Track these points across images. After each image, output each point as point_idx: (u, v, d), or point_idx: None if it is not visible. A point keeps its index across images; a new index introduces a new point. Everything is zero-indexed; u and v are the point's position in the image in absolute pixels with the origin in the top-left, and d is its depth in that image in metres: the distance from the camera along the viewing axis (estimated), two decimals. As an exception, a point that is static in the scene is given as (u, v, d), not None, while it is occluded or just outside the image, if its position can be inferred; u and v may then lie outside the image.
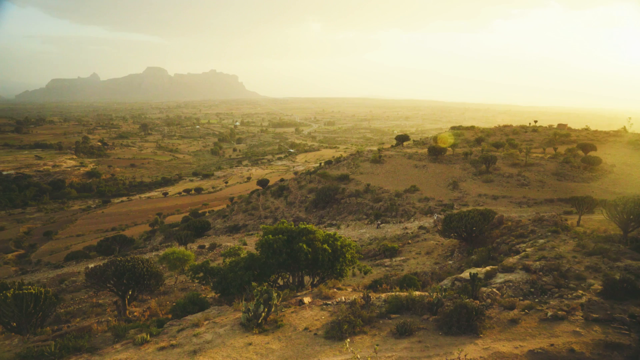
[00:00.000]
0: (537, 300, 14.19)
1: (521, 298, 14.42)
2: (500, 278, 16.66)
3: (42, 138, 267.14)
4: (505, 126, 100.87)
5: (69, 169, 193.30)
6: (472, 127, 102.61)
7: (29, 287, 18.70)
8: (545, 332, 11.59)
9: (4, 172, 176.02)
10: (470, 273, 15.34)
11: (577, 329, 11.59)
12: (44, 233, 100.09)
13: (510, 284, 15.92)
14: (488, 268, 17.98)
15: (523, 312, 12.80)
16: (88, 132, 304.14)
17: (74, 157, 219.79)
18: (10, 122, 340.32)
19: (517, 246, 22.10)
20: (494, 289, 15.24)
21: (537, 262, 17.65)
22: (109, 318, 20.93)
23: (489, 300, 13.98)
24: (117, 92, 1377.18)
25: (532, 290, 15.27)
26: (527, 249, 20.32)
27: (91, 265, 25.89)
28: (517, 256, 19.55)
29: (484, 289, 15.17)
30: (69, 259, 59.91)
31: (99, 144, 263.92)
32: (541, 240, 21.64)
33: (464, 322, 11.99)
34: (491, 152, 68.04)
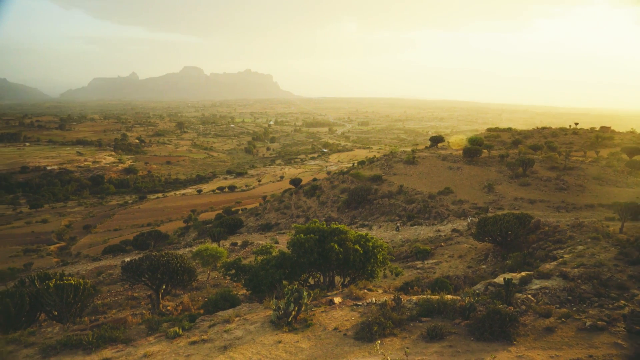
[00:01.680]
0: (574, 308, 13.73)
1: (558, 306, 13.96)
2: (536, 284, 16.20)
3: (84, 135, 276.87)
4: (543, 128, 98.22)
5: (108, 165, 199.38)
6: (509, 129, 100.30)
7: (69, 278, 19.36)
8: (583, 343, 11.18)
9: (48, 167, 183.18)
10: (504, 278, 14.98)
11: (619, 341, 11.11)
12: (83, 227, 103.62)
13: (547, 290, 15.45)
14: (523, 274, 17.51)
15: (559, 321, 12.38)
16: (126, 130, 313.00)
17: (113, 153, 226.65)
18: (54, 119, 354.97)
19: (554, 252, 21.46)
20: (529, 296, 14.83)
21: (576, 270, 17.07)
22: (143, 311, 21.46)
23: (523, 307, 13.59)
24: (155, 91, 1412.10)
25: (569, 298, 14.79)
26: (565, 256, 19.69)
27: (127, 259, 26.57)
28: (554, 262, 18.97)
29: (518, 295, 14.77)
30: (106, 252, 61.68)
31: (137, 141, 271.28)
32: (580, 247, 20.93)
33: (497, 328, 11.70)
34: (528, 154, 66.33)
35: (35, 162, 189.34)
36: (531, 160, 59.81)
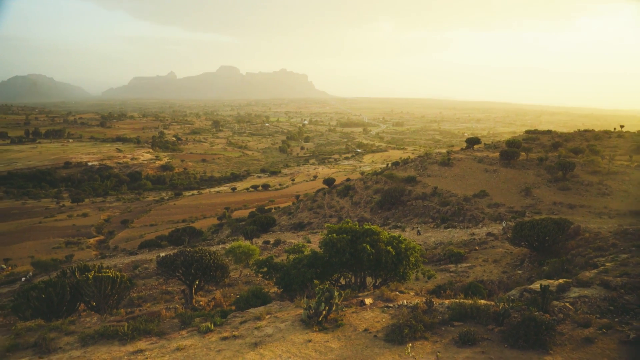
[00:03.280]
0: (616, 319, 13.15)
1: (598, 316, 13.42)
2: (575, 292, 15.64)
3: (123, 132, 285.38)
4: (585, 131, 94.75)
5: (146, 162, 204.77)
6: (549, 131, 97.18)
7: (107, 270, 19.99)
8: (625, 356, 10.72)
9: (89, 163, 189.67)
10: (541, 285, 14.54)
11: (663, 354, 10.63)
12: (121, 221, 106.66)
13: (586, 299, 14.89)
14: (561, 281, 16.95)
15: (600, 332, 11.90)
16: (164, 128, 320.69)
17: (151, 150, 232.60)
18: (96, 117, 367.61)
19: (595, 260, 20.69)
20: (567, 304, 14.33)
21: (619, 279, 16.39)
22: (177, 305, 21.91)
23: (560, 315, 13.15)
24: (192, 90, 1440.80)
25: (611, 308, 14.20)
26: (607, 264, 18.95)
27: (162, 254, 27.25)
28: (595, 270, 18.28)
29: (555, 302, 14.30)
30: (142, 247, 63.24)
31: (174, 139, 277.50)
32: (624, 255, 20.11)
33: (532, 336, 11.36)
34: (569, 158, 64.27)
35: (78, 158, 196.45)
36: (572, 164, 57.91)
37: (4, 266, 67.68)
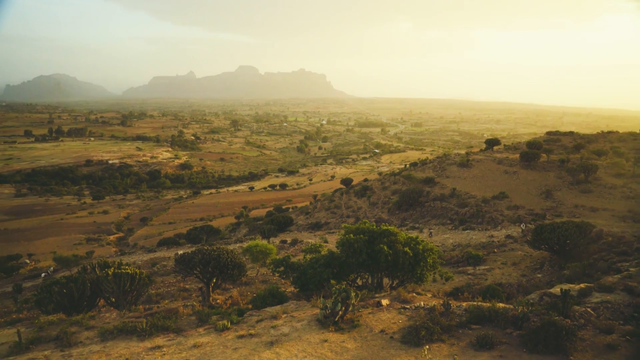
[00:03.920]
0: (640, 326, 12.87)
1: (621, 322, 13.11)
2: (597, 298, 15.33)
3: (143, 131, 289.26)
4: (609, 132, 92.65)
5: (165, 161, 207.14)
6: (571, 133, 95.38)
7: (126, 267, 20.29)
8: (648, 362, 10.48)
9: (110, 161, 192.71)
10: (561, 289, 14.28)
11: (688, 362, 10.35)
12: (140, 219, 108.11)
13: (609, 305, 14.58)
14: (582, 285, 16.63)
15: (623, 339, 11.63)
16: (183, 127, 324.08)
17: (170, 149, 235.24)
18: (117, 116, 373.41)
19: (619, 264, 20.26)
20: (589, 309, 14.05)
21: (642, 284, 16.03)
22: (194, 303, 22.10)
23: (582, 321, 12.90)
24: (211, 89, 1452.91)
25: (635, 315, 13.86)
26: (631, 269, 18.52)
27: (180, 252, 27.49)
28: (618, 275, 17.90)
29: (576, 307, 14.03)
30: (161, 244, 63.99)
31: (193, 138, 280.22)
32: (647, 260, 19.66)
33: (551, 341, 11.17)
34: (592, 160, 63.01)
35: (99, 156, 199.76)
36: (594, 166, 56.76)
37: (28, 261, 69.26)
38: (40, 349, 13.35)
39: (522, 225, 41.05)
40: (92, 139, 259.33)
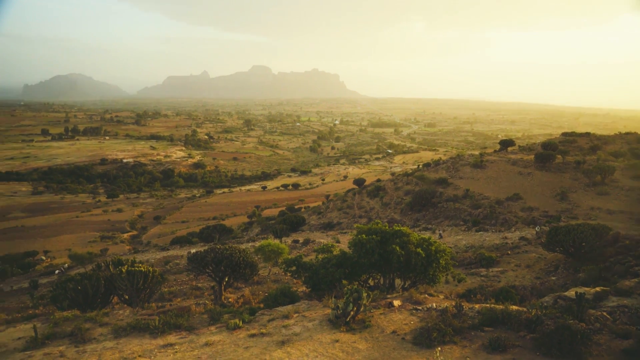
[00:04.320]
0: (658, 331, 12.63)
1: (639, 327, 12.89)
2: (613, 302, 15.09)
3: (157, 130, 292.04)
4: (627, 133, 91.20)
5: (178, 160, 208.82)
6: (587, 134, 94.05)
7: (140, 265, 20.46)
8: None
9: (124, 160, 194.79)
10: (576, 292, 14.09)
11: None
12: (154, 217, 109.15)
13: (625, 309, 14.33)
14: (598, 289, 16.38)
15: (640, 343, 11.45)
16: (197, 126, 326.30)
17: (183, 148, 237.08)
18: (131, 115, 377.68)
19: (636, 268, 19.91)
20: (605, 313, 13.83)
21: (660, 288, 15.75)
22: (206, 301, 22.24)
23: (597, 325, 12.70)
24: (225, 89, 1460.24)
25: (652, 319, 13.63)
26: (648, 272, 18.23)
27: (193, 251, 27.67)
28: (636, 279, 17.61)
29: (592, 311, 13.82)
30: (173, 243, 64.54)
31: (206, 137, 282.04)
32: (665, 264, 19.30)
33: (566, 345, 11.00)
34: (609, 161, 62.07)
35: (113, 154, 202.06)
36: (611, 168, 55.91)
37: (44, 258, 70.35)
38: (56, 344, 13.53)
39: (536, 227, 40.59)
40: (107, 138, 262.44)
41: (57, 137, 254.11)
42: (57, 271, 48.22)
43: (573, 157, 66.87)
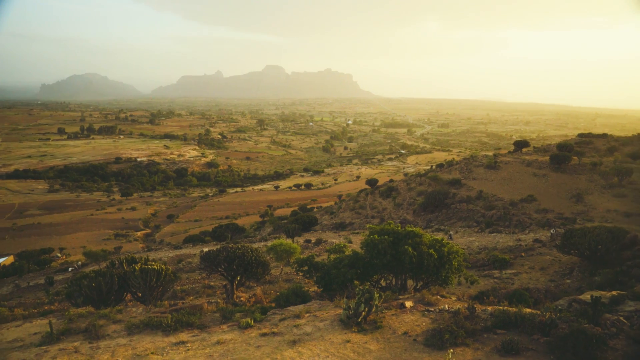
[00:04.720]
0: (675, 336, 12.39)
1: (655, 331, 12.66)
2: (630, 306, 14.83)
3: (171, 129, 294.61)
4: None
5: (192, 159, 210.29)
6: (604, 135, 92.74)
7: (153, 263, 20.64)
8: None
9: (138, 159, 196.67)
10: (592, 296, 13.88)
11: None
12: (167, 216, 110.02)
13: (642, 313, 14.09)
14: (614, 293, 16.12)
15: (657, 348, 11.23)
16: (210, 126, 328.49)
17: (197, 147, 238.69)
18: (145, 114, 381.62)
19: (653, 271, 19.58)
20: (621, 318, 13.60)
21: (677, 292, 15.45)
22: (218, 300, 22.34)
23: (613, 329, 12.50)
24: (238, 89, 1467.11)
25: (670, 324, 13.38)
26: (665, 276, 17.90)
27: (205, 250, 27.86)
28: (652, 283, 17.31)
29: (608, 315, 13.61)
30: (186, 241, 64.96)
31: (219, 136, 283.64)
32: (683, 268, 18.94)
33: (580, 349, 10.84)
34: (626, 163, 61.10)
35: (128, 153, 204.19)
36: (629, 170, 55.04)
37: (59, 255, 71.32)
38: (70, 340, 13.72)
39: (551, 230, 40.09)
40: (122, 136, 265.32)
41: (73, 135, 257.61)
42: (70, 269, 48.86)
43: (589, 159, 65.98)
